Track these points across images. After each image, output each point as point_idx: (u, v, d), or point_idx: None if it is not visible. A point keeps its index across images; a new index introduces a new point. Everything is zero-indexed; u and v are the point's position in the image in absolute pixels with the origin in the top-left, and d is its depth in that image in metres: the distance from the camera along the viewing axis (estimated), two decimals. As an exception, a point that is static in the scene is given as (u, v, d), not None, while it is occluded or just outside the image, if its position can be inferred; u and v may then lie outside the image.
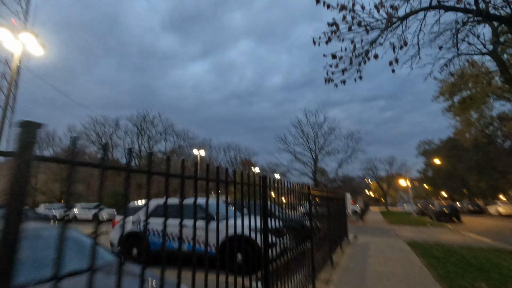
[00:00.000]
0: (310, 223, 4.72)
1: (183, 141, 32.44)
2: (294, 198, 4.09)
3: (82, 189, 38.42)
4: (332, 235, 7.25)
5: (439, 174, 48.14)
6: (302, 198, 4.72)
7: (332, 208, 7.74)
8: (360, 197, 57.56)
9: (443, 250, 8.43)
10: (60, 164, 1.16)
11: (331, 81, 6.48)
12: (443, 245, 9.64)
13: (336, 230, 8.03)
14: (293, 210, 4.07)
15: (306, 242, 4.61)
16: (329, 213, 6.73)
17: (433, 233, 14.68)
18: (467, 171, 36.88)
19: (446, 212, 22.15)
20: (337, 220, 8.23)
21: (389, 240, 11.02)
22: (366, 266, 6.40)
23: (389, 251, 8.30)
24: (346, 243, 9.65)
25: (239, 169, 46.33)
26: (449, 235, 13.85)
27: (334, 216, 7.89)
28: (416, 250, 8.32)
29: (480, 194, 43.14)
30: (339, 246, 8.24)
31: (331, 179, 24.26)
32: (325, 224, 6.91)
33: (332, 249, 7.11)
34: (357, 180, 52.01)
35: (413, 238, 12.12)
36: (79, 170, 1.45)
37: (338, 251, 8.03)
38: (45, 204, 29.06)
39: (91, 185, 39.24)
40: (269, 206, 3.10)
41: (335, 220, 7.99)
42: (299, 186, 4.32)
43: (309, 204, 4.76)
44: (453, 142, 44.25)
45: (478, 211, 34.06)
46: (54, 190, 36.91)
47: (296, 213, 4.36)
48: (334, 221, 7.75)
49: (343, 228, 9.74)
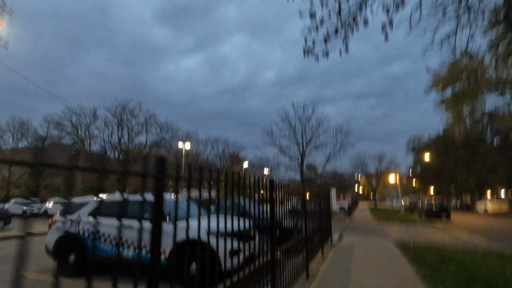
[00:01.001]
0: (271, 226, 3.57)
1: (166, 134, 30.86)
2: (251, 193, 2.96)
3: (60, 183, 36.55)
4: (311, 239, 6.14)
5: (428, 170, 48.01)
6: (264, 195, 3.57)
7: (312, 207, 6.62)
8: (349, 192, 57.23)
9: (437, 254, 7.46)
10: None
11: (311, 53, 5.30)
12: (436, 248, 8.70)
13: (316, 233, 6.92)
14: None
15: (273, 249, 3.48)
16: (305, 213, 5.59)
17: (423, 232, 13.86)
18: (456, 168, 36.64)
19: (435, 210, 21.53)
20: (318, 220, 7.13)
21: (377, 241, 10.03)
22: (349, 277, 5.32)
23: (377, 255, 7.26)
24: (329, 246, 8.60)
25: (226, 164, 45.07)
26: (439, 235, 13.03)
27: (314, 216, 6.78)
28: (407, 255, 7.31)
29: (468, 191, 43.19)
30: (321, 250, 7.16)
31: (320, 175, 23.28)
32: (300, 227, 5.81)
33: (310, 256, 6.00)
34: (346, 176, 51.51)
35: (402, 238, 11.20)
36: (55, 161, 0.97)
37: (319, 256, 6.95)
38: (16, 199, 27.21)
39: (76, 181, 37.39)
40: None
41: (316, 221, 6.88)
42: (257, 179, 3.16)
43: (272, 203, 3.60)
44: (442, 139, 44.03)
45: (465, 208, 33.92)
46: (29, 184, 34.93)
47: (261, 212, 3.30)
48: (314, 222, 6.64)
49: (326, 229, 8.67)
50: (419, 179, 58.29)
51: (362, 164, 66.20)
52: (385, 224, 17.47)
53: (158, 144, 29.87)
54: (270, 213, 3.60)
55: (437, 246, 9.11)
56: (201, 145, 47.29)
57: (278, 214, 3.94)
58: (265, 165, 35.67)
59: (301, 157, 21.50)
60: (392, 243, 9.50)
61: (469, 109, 21.20)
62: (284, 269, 4.04)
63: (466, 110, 20.85)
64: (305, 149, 21.56)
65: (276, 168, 24.81)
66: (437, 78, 18.82)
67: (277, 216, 3.78)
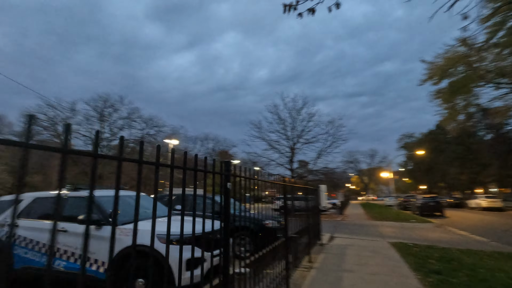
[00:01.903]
0: (224, 226, 2.45)
1: (150, 129, 29.31)
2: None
3: (39, 180, 34.68)
4: (294, 242, 5.04)
5: (420, 167, 47.75)
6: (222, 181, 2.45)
7: (297, 203, 5.52)
8: (341, 190, 56.71)
9: (441, 257, 6.46)
10: (11, 152, 0.35)
11: (293, 8, 4.16)
12: (438, 248, 7.72)
13: (302, 234, 5.83)
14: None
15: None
16: (286, 212, 4.48)
17: (420, 230, 12.97)
18: (448, 164, 36.21)
19: (430, 206, 20.78)
20: (304, 220, 6.03)
21: (372, 242, 9.02)
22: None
23: (373, 260, 6.21)
24: (319, 247, 7.52)
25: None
26: (437, 233, 12.15)
27: (299, 215, 5.68)
28: (407, 259, 6.29)
29: (459, 188, 43.00)
30: (307, 255, 6.07)
31: (312, 171, 22.26)
32: (278, 229, 4.72)
33: (293, 264, 4.89)
34: (338, 173, 50.91)
35: (399, 237, 10.24)
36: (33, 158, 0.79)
37: (305, 261, 5.86)
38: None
39: (49, 176, 35.54)
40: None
41: (301, 221, 5.78)
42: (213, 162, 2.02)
43: (225, 196, 2.47)
44: (435, 134, 43.71)
45: (458, 204, 33.49)
46: (5, 181, 32.95)
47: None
48: (299, 221, 5.54)
49: (315, 229, 7.59)
50: (411, 176, 58.18)
51: (354, 161, 65.88)
52: (379, 221, 16.58)
53: (142, 140, 28.29)
54: (224, 209, 2.47)
55: (438, 246, 8.15)
56: (190, 142, 45.86)
57: (240, 211, 2.83)
58: (257, 162, 34.54)
59: (291, 152, 20.42)
60: (388, 243, 8.50)
61: (464, 102, 20.46)
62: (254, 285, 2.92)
63: (461, 103, 20.09)
64: (296, 143, 20.49)
65: (267, 165, 23.72)
66: (433, 69, 17.96)
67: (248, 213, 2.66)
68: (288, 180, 5.24)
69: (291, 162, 20.18)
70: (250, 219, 6.96)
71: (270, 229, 6.81)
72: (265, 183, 3.57)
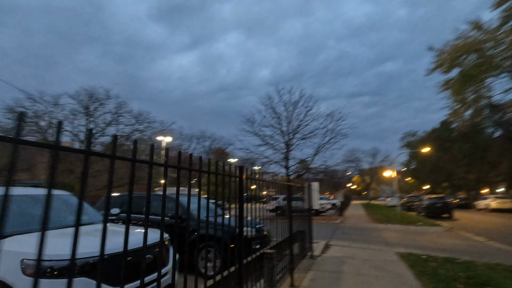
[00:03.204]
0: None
1: (140, 125, 27.70)
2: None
3: (25, 179, 33.27)
4: (270, 260, 3.49)
5: (423, 166, 45.98)
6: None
7: (271, 205, 3.95)
8: (341, 189, 55.09)
9: (469, 278, 4.87)
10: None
11: None
12: (459, 262, 6.14)
13: (283, 248, 4.27)
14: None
15: None
16: (241, 219, 2.93)
17: (429, 235, 11.38)
18: (454, 163, 34.46)
19: (437, 207, 19.15)
20: (288, 227, 4.47)
21: (376, 252, 7.43)
22: None
23: (379, 283, 4.64)
24: (308, 262, 5.96)
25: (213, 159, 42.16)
26: (450, 238, 10.56)
27: (281, 221, 4.13)
28: (423, 280, 4.71)
29: (465, 187, 41.24)
30: (290, 275, 4.51)
31: (310, 169, 20.66)
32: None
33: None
34: (339, 172, 49.24)
35: (407, 245, 8.66)
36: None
37: (286, 285, 4.30)
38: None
39: (35, 174, 34.18)
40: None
41: (284, 228, 4.23)
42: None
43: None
44: (439, 132, 41.92)
45: (464, 205, 31.82)
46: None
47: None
48: (282, 229, 3.98)
49: (304, 238, 6.02)
50: (414, 175, 56.38)
51: (355, 160, 64.00)
52: (382, 224, 14.98)
53: (130, 136, 26.76)
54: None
55: (458, 258, 6.56)
56: (185, 140, 44.32)
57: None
58: (255, 160, 33.00)
59: (286, 148, 18.84)
60: (396, 254, 6.92)
61: (474, 94, 18.81)
62: None
63: (471, 96, 18.46)
64: (291, 139, 18.89)
65: (260, 162, 22.17)
66: (442, 57, 16.33)
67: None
68: (257, 174, 3.72)
69: (287, 159, 18.59)
70: (218, 224, 5.46)
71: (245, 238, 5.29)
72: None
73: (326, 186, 58.42)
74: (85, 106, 25.46)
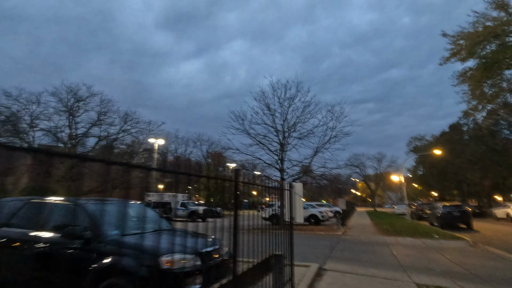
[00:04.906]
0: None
1: (128, 125, 25.81)
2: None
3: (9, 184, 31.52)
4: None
5: (432, 172, 43.30)
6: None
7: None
8: (346, 196, 52.53)
9: None
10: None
11: None
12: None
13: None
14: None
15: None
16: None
17: (452, 252, 9.10)
18: (467, 168, 31.88)
19: (454, 217, 16.72)
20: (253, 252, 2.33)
21: (388, 285, 5.22)
22: None
23: None
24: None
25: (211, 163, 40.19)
26: (481, 258, 8.27)
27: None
28: None
29: (478, 194, 38.48)
30: None
31: (309, 172, 18.47)
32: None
33: None
34: (343, 178, 46.72)
35: (428, 268, 6.43)
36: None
37: None
38: None
39: (19, 180, 32.39)
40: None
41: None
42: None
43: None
44: (448, 136, 39.40)
45: (479, 214, 29.15)
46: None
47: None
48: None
49: (278, 267, 3.85)
50: (422, 182, 53.57)
51: (360, 165, 61.28)
52: (391, 236, 12.67)
53: (115, 138, 24.83)
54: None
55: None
56: (181, 143, 42.47)
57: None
58: (256, 165, 30.87)
59: (281, 149, 16.70)
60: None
61: (494, 88, 16.55)
62: None
63: (491, 88, 16.21)
64: (287, 138, 16.77)
65: (251, 164, 20.09)
66: (459, 43, 14.21)
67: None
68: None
69: (282, 160, 16.42)
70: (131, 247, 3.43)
71: (170, 274, 3.21)
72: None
73: (330, 193, 55.87)
74: (67, 105, 23.70)
